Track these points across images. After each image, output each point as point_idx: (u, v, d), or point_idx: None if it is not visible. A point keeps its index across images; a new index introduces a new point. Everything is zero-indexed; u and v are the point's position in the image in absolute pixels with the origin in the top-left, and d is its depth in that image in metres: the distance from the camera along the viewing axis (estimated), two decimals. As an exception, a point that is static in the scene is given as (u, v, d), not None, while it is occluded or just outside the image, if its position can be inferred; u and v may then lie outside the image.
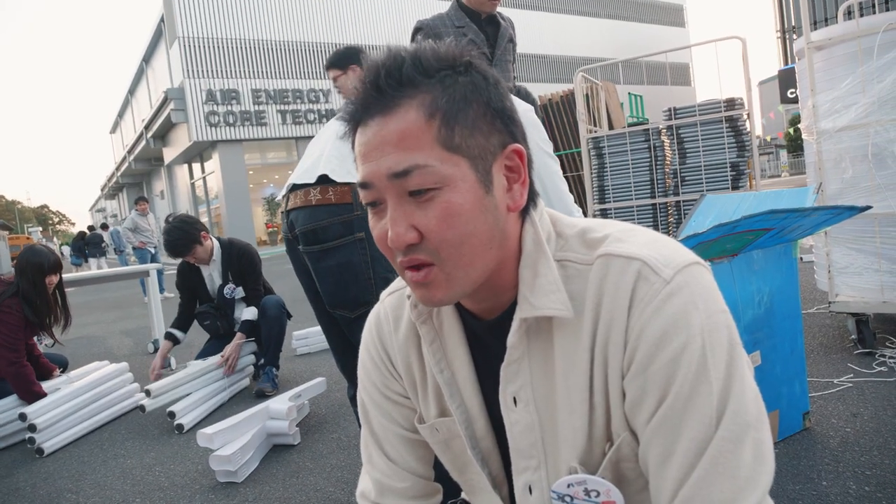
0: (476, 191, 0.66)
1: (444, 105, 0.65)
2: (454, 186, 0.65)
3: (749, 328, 1.89)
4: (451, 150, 0.65)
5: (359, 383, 0.94)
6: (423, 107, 0.65)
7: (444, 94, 0.66)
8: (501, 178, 0.69)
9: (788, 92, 17.02)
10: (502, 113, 0.70)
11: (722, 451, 0.60)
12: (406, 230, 0.65)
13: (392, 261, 0.71)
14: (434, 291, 0.68)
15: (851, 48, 2.68)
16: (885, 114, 2.57)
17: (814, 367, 2.64)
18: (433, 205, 0.65)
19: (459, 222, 0.65)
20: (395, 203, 0.66)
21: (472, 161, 0.66)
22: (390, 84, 0.65)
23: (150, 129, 24.95)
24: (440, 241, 0.65)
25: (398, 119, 0.65)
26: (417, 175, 0.64)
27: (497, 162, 0.69)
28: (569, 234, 0.74)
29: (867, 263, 2.75)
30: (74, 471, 2.68)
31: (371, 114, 0.66)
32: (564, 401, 0.71)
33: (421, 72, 0.66)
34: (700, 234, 1.60)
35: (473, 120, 0.67)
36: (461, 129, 0.66)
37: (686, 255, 0.67)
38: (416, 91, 0.65)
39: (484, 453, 0.83)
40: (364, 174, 0.67)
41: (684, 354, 0.62)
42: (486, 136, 0.68)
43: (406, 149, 0.64)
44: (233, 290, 3.61)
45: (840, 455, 1.86)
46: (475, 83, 0.68)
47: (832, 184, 2.82)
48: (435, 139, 0.64)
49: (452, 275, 0.67)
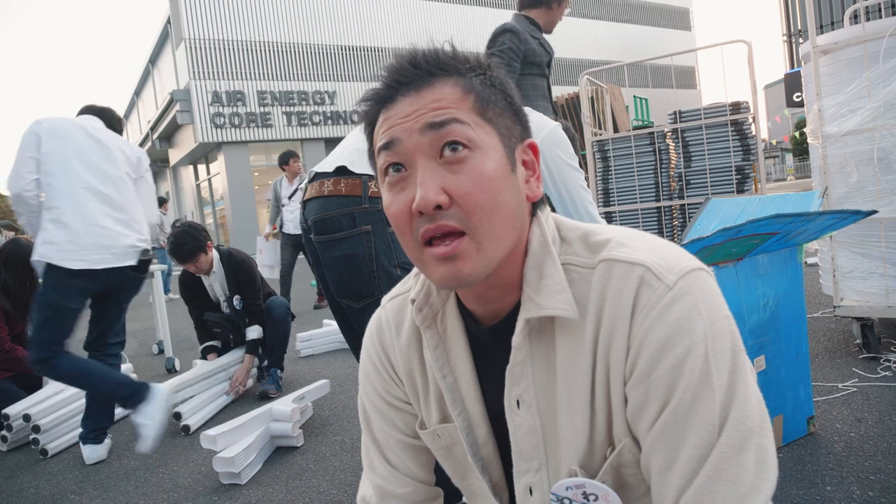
0: (504, 164, 0.68)
1: (478, 87, 0.69)
2: (486, 153, 0.66)
3: (754, 332, 1.88)
4: (485, 119, 0.68)
5: (360, 389, 0.94)
6: (458, 84, 0.68)
7: (476, 78, 0.69)
8: (521, 168, 0.72)
9: (794, 96, 16.96)
10: (520, 112, 0.73)
11: (725, 457, 0.60)
12: (437, 192, 0.64)
13: (409, 239, 0.68)
14: (462, 265, 0.66)
15: (857, 52, 2.67)
16: (891, 118, 2.56)
17: (818, 371, 2.63)
18: (466, 167, 0.65)
19: (492, 187, 0.65)
20: (426, 164, 0.66)
21: (501, 136, 0.69)
22: (429, 62, 0.68)
23: (156, 130, 25.05)
24: (473, 205, 0.64)
25: (435, 91, 0.67)
26: (456, 128, 0.65)
27: (519, 149, 0.71)
28: (571, 237, 0.74)
29: (872, 268, 2.74)
30: (78, 472, 2.69)
31: (406, 89, 0.68)
32: (566, 403, 0.71)
33: (456, 60, 0.70)
34: (705, 237, 1.59)
35: (502, 107, 0.70)
36: (493, 107, 0.69)
37: (689, 261, 0.67)
38: (451, 74, 0.69)
39: (485, 460, 0.83)
40: (393, 133, 0.67)
41: (687, 361, 0.62)
42: (512, 123, 0.71)
43: (444, 107, 0.66)
44: (240, 301, 3.59)
45: (844, 460, 1.85)
46: (500, 81, 0.72)
47: (838, 188, 2.81)
48: (471, 108, 0.67)
49: (483, 245, 0.66)
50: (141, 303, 9.77)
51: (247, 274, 3.59)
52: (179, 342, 5.59)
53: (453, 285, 0.68)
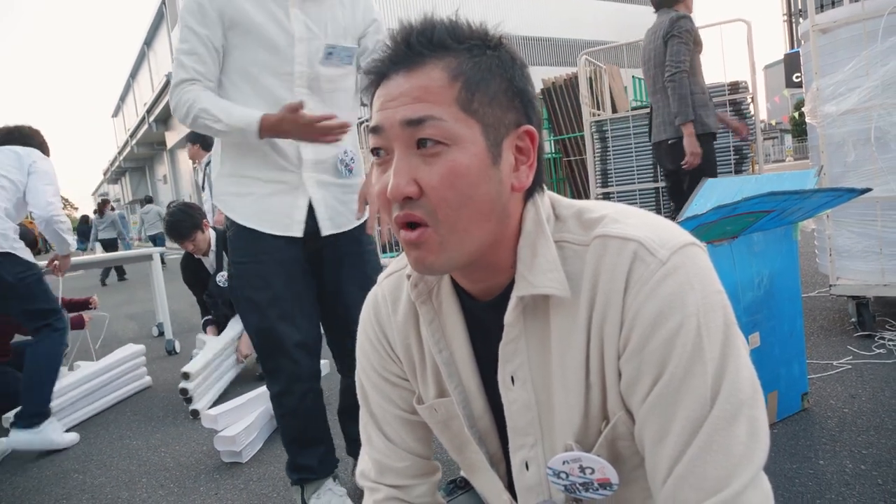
0: (483, 158, 0.67)
1: (469, 71, 0.67)
2: (463, 147, 0.66)
3: (749, 310, 1.90)
4: (468, 112, 0.67)
5: (357, 366, 0.95)
6: (448, 68, 0.67)
7: (470, 61, 0.68)
8: (510, 156, 0.70)
9: (794, 76, 16.91)
10: (523, 94, 0.71)
11: (717, 429, 0.61)
12: (407, 182, 0.66)
13: (388, 218, 0.70)
14: (426, 254, 0.68)
15: (856, 31, 2.66)
16: (889, 97, 2.56)
17: (814, 349, 2.66)
18: (439, 161, 0.66)
19: (462, 184, 0.66)
20: (402, 153, 0.67)
21: (485, 128, 0.68)
22: (421, 42, 0.67)
23: (153, 112, 24.90)
24: (439, 199, 0.66)
25: (422, 75, 0.67)
26: (430, 126, 0.65)
27: (509, 138, 0.70)
28: (566, 214, 0.75)
29: (868, 247, 2.75)
30: (80, 451, 2.72)
31: (397, 68, 0.68)
32: (561, 380, 0.72)
33: (453, 37, 0.68)
34: (700, 215, 1.60)
35: (494, 92, 0.69)
36: (481, 96, 0.67)
37: (682, 236, 0.68)
38: (445, 53, 0.68)
39: (482, 432, 0.84)
40: (378, 119, 0.68)
41: (679, 334, 0.62)
42: (504, 110, 0.69)
43: (424, 101, 0.66)
44: (225, 278, 3.60)
45: (837, 435, 1.88)
46: (502, 59, 0.70)
47: (835, 167, 2.82)
48: (454, 99, 0.66)
49: (447, 239, 0.67)
50: (139, 285, 9.81)
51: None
52: (179, 324, 5.62)
53: (421, 271, 0.70)
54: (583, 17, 29.72)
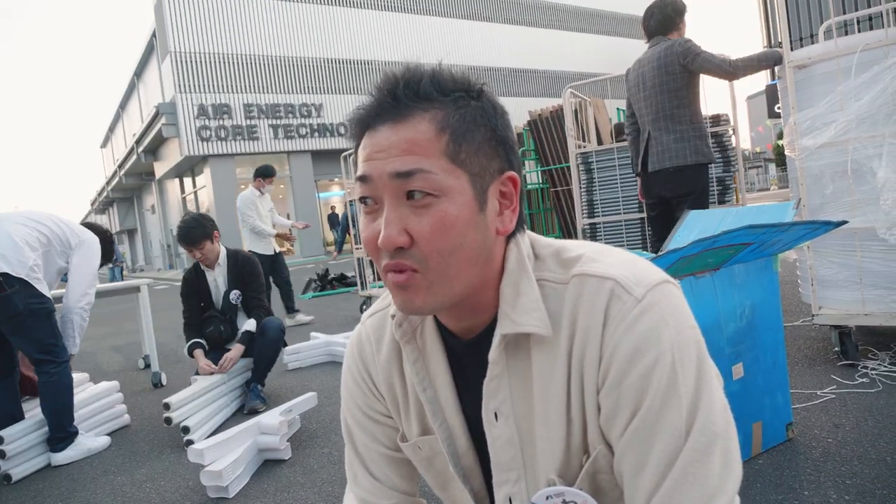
0: (471, 206, 0.69)
1: (455, 122, 0.69)
2: (452, 198, 0.67)
3: (731, 340, 1.93)
4: (456, 163, 0.68)
5: (342, 404, 0.96)
6: (435, 120, 0.68)
7: (456, 112, 0.69)
8: (495, 202, 0.73)
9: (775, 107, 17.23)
10: (505, 141, 0.73)
11: (691, 461, 0.63)
12: (399, 233, 0.67)
13: (377, 263, 0.72)
14: (413, 296, 0.70)
15: (830, 67, 2.75)
16: (864, 131, 2.63)
17: (798, 378, 2.68)
18: (429, 212, 0.67)
19: (452, 233, 0.67)
20: (392, 204, 0.68)
21: (472, 177, 0.69)
22: (407, 94, 0.69)
23: (142, 143, 24.90)
24: (431, 249, 0.67)
25: (410, 127, 0.68)
26: (420, 178, 0.66)
27: (494, 185, 0.72)
28: (545, 254, 0.77)
29: (849, 276, 2.80)
30: (64, 488, 2.68)
31: (383, 119, 0.69)
32: (542, 415, 0.74)
33: (438, 89, 0.70)
34: (681, 248, 1.64)
35: (480, 142, 0.70)
36: (467, 146, 0.69)
37: (656, 274, 0.71)
38: (431, 105, 0.69)
39: (466, 469, 0.85)
40: (366, 169, 0.69)
41: (655, 370, 0.65)
42: (489, 159, 0.71)
43: (413, 153, 0.67)
44: (238, 296, 3.70)
45: (822, 465, 1.90)
46: (485, 109, 0.72)
47: (814, 199, 2.88)
48: (443, 151, 0.68)
49: (435, 284, 0.69)
50: (126, 317, 9.71)
51: (251, 269, 3.74)
52: (165, 356, 5.56)
53: (409, 312, 0.72)
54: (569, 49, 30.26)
